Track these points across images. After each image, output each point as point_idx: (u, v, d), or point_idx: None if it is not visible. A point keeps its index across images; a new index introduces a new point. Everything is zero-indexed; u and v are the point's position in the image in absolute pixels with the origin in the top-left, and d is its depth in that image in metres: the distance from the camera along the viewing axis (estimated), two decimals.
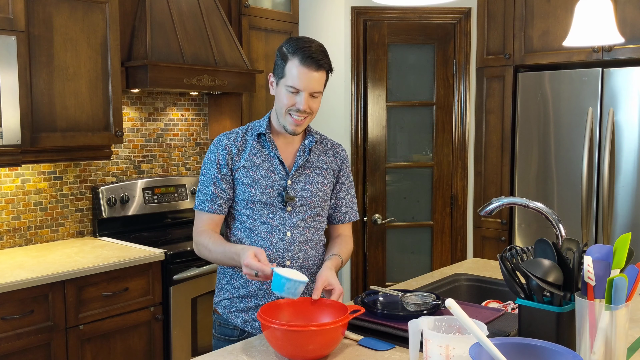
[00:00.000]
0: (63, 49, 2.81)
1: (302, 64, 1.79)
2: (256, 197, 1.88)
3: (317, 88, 1.83)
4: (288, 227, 1.90)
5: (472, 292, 2.27)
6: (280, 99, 1.85)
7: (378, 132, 3.85)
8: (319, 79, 1.83)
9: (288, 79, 1.81)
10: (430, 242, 3.95)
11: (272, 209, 1.89)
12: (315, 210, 1.95)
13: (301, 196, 1.91)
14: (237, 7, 3.64)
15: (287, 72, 1.81)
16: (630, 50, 3.29)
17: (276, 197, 1.89)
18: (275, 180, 1.90)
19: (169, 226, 3.57)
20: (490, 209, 1.96)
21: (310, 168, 1.96)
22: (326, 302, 1.69)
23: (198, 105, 3.85)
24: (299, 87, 1.80)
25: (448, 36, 3.86)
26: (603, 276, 1.36)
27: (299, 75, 1.79)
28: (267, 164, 1.90)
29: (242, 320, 1.91)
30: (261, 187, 1.88)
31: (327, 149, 2.03)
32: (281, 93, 1.84)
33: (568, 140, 3.49)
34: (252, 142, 1.92)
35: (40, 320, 2.52)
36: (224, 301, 1.96)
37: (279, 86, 1.85)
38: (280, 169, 1.91)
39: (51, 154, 2.85)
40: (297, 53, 1.80)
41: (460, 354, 1.21)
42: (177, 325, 2.98)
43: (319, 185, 1.96)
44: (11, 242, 3.02)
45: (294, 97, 1.82)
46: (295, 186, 1.91)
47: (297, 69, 1.79)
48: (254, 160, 1.90)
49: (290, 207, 1.90)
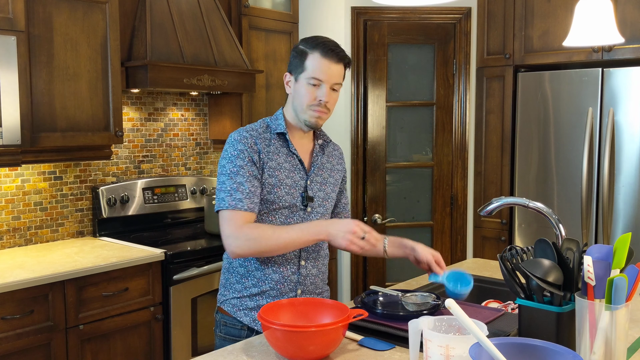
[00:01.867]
0: (63, 49, 2.81)
1: (324, 56, 1.81)
2: (282, 197, 1.86)
3: (338, 80, 1.85)
4: None
5: (472, 292, 2.25)
6: (301, 94, 1.85)
7: (378, 132, 3.85)
8: (339, 71, 1.85)
9: (309, 72, 1.82)
10: (430, 242, 3.95)
11: (292, 209, 1.88)
12: (328, 211, 1.98)
13: (318, 197, 1.93)
14: (237, 7, 3.64)
15: (308, 65, 1.83)
16: (630, 50, 3.29)
17: (298, 197, 1.88)
18: (296, 180, 1.89)
19: (169, 226, 3.57)
20: (490, 209, 1.97)
21: (324, 169, 1.98)
22: (327, 302, 1.69)
23: (198, 105, 3.85)
24: (322, 78, 1.82)
25: (448, 36, 3.86)
26: (603, 276, 1.36)
27: (321, 67, 1.81)
28: (289, 164, 1.89)
29: (252, 318, 1.89)
30: (286, 187, 1.86)
31: (332, 149, 2.05)
32: (301, 87, 1.85)
33: (568, 140, 3.49)
34: (273, 140, 1.89)
35: (40, 320, 2.52)
36: (233, 300, 1.92)
37: (299, 81, 1.85)
38: (300, 169, 1.91)
39: (51, 154, 2.85)
40: (317, 47, 1.82)
41: (460, 354, 1.21)
42: (177, 325, 2.98)
43: (331, 187, 1.98)
44: (11, 242, 3.02)
45: (315, 91, 1.83)
46: (312, 186, 1.92)
47: (319, 61, 1.82)
48: (278, 160, 1.87)
49: (310, 208, 1.91)
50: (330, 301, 1.69)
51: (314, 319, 1.66)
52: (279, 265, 1.88)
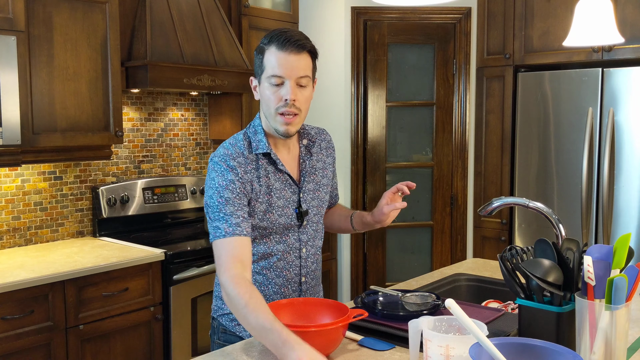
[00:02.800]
0: (63, 49, 2.81)
1: (281, 48, 1.63)
2: (275, 221, 1.74)
3: (302, 72, 1.65)
4: (303, 243, 1.82)
5: (472, 292, 2.27)
6: (266, 97, 1.68)
7: (378, 132, 3.85)
8: (303, 63, 1.66)
9: (269, 69, 1.65)
10: (430, 242, 3.95)
11: (287, 227, 1.78)
12: (322, 215, 1.91)
13: (312, 206, 1.83)
14: (237, 7, 3.64)
15: (266, 63, 1.66)
16: (630, 50, 3.29)
17: (292, 214, 1.77)
18: (287, 197, 1.77)
19: (169, 226, 3.57)
20: (490, 209, 1.96)
21: (314, 173, 1.86)
22: (327, 302, 1.69)
23: (198, 105, 3.85)
24: (282, 73, 1.63)
25: (448, 36, 3.86)
26: (603, 276, 1.36)
27: (279, 61, 1.63)
28: (279, 183, 1.76)
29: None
30: (278, 209, 1.75)
31: (317, 140, 1.90)
32: (265, 90, 1.68)
33: (568, 140, 3.49)
34: (260, 161, 1.74)
35: (40, 320, 2.52)
36: (230, 314, 1.82)
37: (262, 83, 1.69)
38: (291, 184, 1.78)
39: (51, 154, 2.85)
40: (273, 40, 1.66)
41: (460, 354, 1.21)
42: (177, 325, 2.98)
43: (325, 189, 1.89)
44: (11, 242, 3.02)
45: (279, 91, 1.66)
46: (305, 197, 1.81)
47: (276, 55, 1.64)
48: (267, 182, 1.73)
49: (306, 221, 1.81)
50: (330, 301, 1.69)
51: (314, 319, 1.66)
52: (280, 287, 1.81)
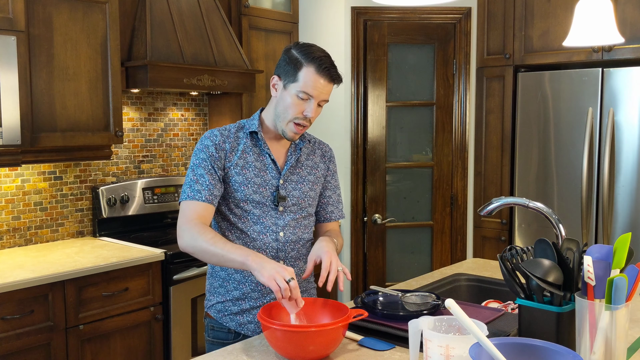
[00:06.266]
0: (63, 49, 2.81)
1: (319, 73, 1.79)
2: (249, 195, 1.85)
3: (327, 97, 1.85)
4: (280, 227, 1.89)
5: (472, 292, 2.27)
6: (287, 104, 1.83)
7: (378, 132, 3.85)
8: (330, 89, 1.84)
9: (301, 85, 1.80)
10: (430, 242, 3.95)
11: (264, 209, 1.88)
12: (306, 210, 1.96)
13: (293, 196, 1.91)
14: (237, 7, 3.64)
15: (300, 77, 1.80)
16: (630, 50, 3.29)
17: (269, 196, 1.88)
18: (267, 180, 1.88)
19: (169, 226, 3.57)
20: (490, 209, 1.96)
21: (301, 167, 1.96)
22: (327, 302, 1.69)
23: (198, 105, 3.85)
24: (313, 94, 1.80)
25: (448, 36, 3.86)
26: (603, 276, 1.36)
27: (315, 83, 1.79)
28: (260, 163, 1.89)
29: (238, 323, 1.90)
30: (254, 185, 1.86)
31: (316, 148, 2.04)
32: (289, 97, 1.82)
33: (568, 140, 3.49)
34: (244, 139, 1.90)
35: (40, 320, 2.52)
36: (217, 305, 1.93)
37: (288, 90, 1.82)
38: (273, 168, 1.90)
39: (51, 154, 2.85)
40: (314, 61, 1.79)
41: (460, 354, 1.21)
42: (177, 325, 2.98)
43: (310, 185, 1.96)
44: (11, 242, 3.02)
45: (303, 104, 1.82)
46: (287, 185, 1.91)
47: (313, 77, 1.79)
48: (247, 158, 1.88)
49: (282, 207, 1.90)
50: (330, 301, 1.69)
51: (314, 319, 1.66)
52: None
